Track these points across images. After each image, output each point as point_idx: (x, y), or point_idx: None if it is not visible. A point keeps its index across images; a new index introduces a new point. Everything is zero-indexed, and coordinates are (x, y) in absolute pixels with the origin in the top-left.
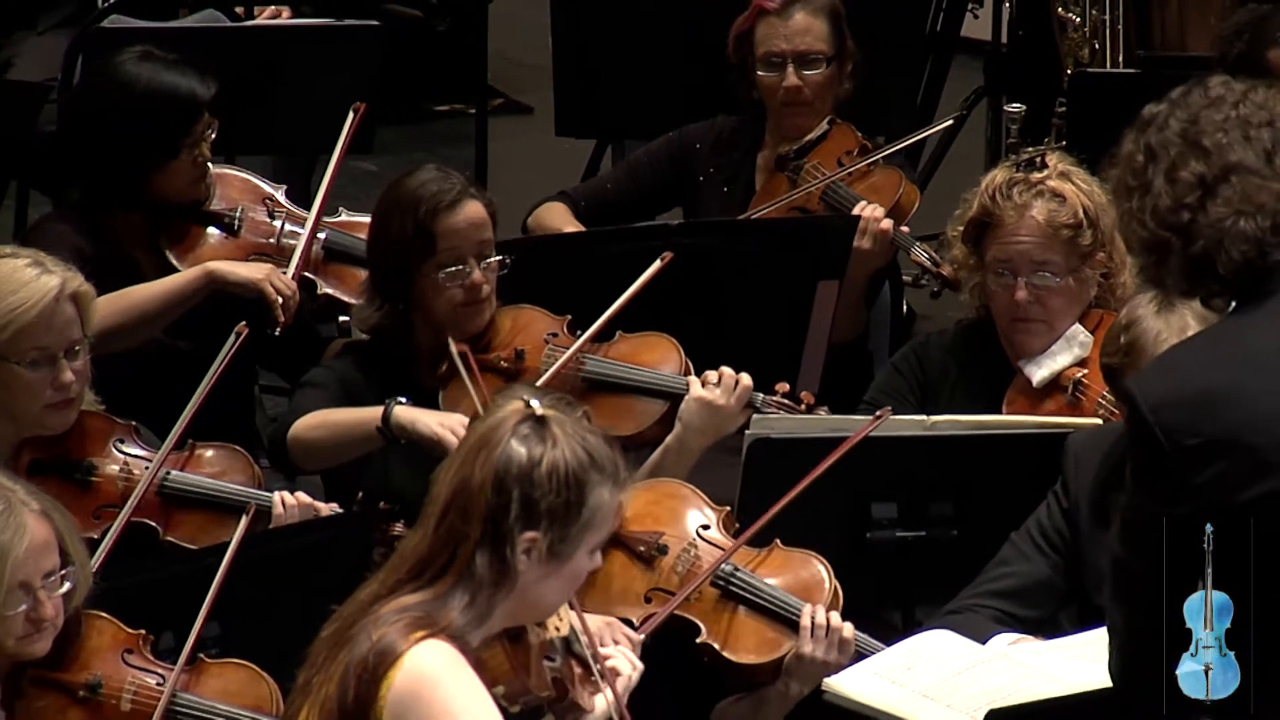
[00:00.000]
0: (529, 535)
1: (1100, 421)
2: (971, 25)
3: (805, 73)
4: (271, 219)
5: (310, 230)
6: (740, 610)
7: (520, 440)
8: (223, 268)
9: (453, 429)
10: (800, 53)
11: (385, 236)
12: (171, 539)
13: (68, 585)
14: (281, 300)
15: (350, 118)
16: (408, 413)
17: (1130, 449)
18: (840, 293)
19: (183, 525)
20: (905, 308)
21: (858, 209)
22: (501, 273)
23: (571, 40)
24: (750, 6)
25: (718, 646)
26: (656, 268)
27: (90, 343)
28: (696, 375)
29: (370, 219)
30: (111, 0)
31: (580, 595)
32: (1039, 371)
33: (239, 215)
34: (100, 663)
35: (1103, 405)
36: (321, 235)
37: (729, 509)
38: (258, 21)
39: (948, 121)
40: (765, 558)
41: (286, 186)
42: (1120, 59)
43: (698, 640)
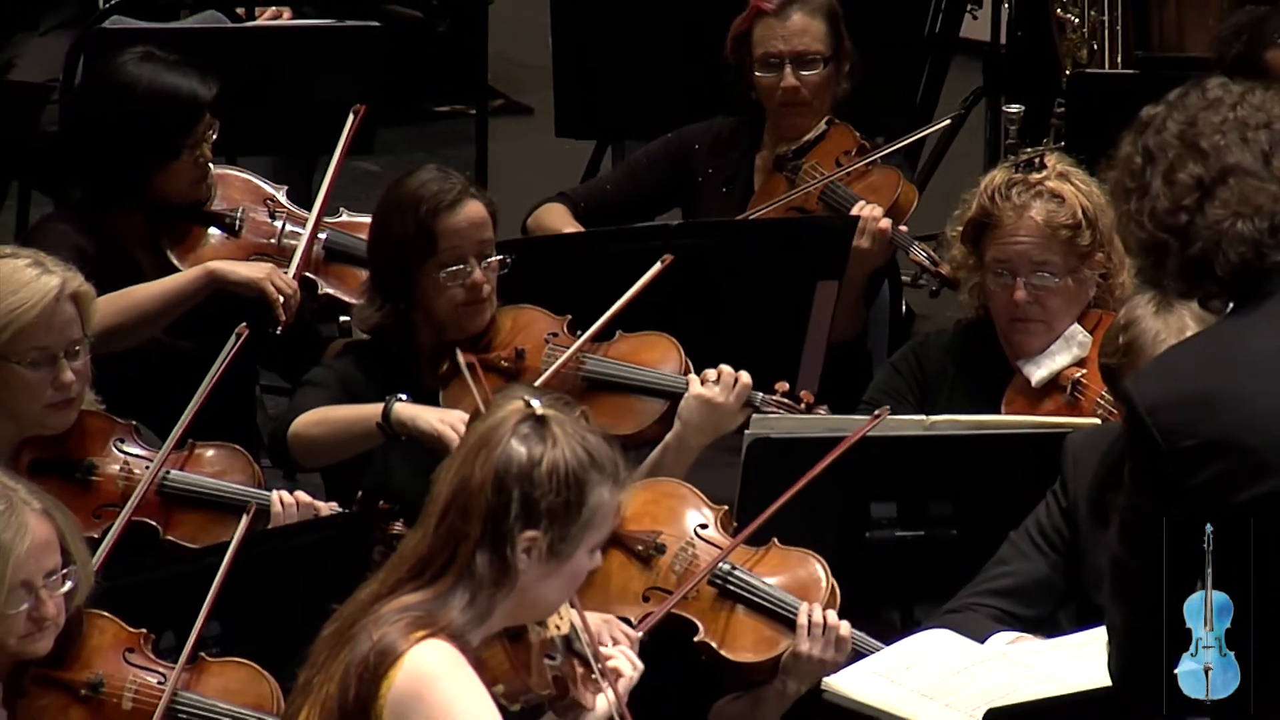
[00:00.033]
0: (529, 534)
1: (1099, 421)
2: (970, 26)
3: (803, 73)
4: (272, 219)
5: (311, 230)
6: (738, 609)
7: (520, 440)
8: (224, 267)
9: (453, 425)
10: (798, 53)
11: (386, 236)
12: (172, 538)
13: (69, 584)
14: (283, 299)
15: (350, 120)
16: (408, 409)
17: (1128, 450)
18: (839, 292)
19: (183, 524)
20: (904, 308)
21: (856, 209)
22: (502, 272)
23: (571, 41)
24: (747, 7)
25: (715, 645)
26: (657, 270)
27: (90, 342)
28: (696, 374)
29: (371, 219)
30: (113, 1)
31: (579, 594)
32: (1038, 371)
33: (240, 215)
34: (102, 662)
35: (1101, 405)
36: (322, 235)
37: (727, 508)
38: (259, 22)
39: (945, 121)
40: (763, 556)
41: (287, 187)
42: (1119, 60)
43: (695, 639)
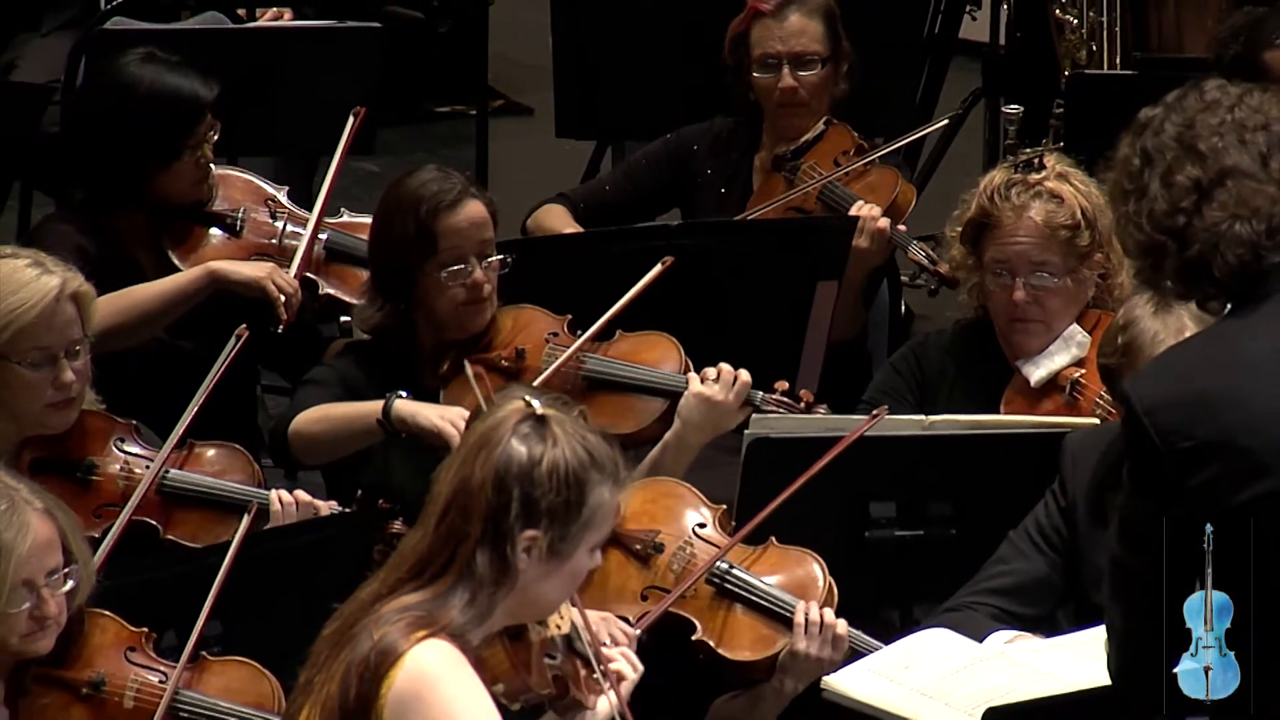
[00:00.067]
0: (529, 534)
1: (1097, 421)
2: (970, 27)
3: (801, 73)
4: (273, 220)
5: (312, 231)
6: (735, 607)
7: (520, 439)
8: (225, 267)
9: (453, 421)
10: (795, 54)
11: (387, 236)
12: (172, 537)
13: (71, 583)
14: (284, 298)
15: (350, 122)
16: (408, 406)
17: (1126, 450)
18: (838, 292)
19: (183, 524)
20: (904, 308)
21: (855, 208)
22: (503, 272)
23: (572, 42)
24: (745, 8)
25: (713, 644)
26: (657, 271)
27: (91, 342)
28: (696, 373)
29: (371, 219)
30: (115, 2)
31: (577, 593)
32: (1037, 371)
33: (241, 216)
34: (103, 660)
35: (1100, 405)
36: (323, 236)
37: (725, 507)
38: (260, 23)
39: (943, 121)
40: (760, 555)
41: (288, 187)
42: (1117, 61)
43: (693, 637)
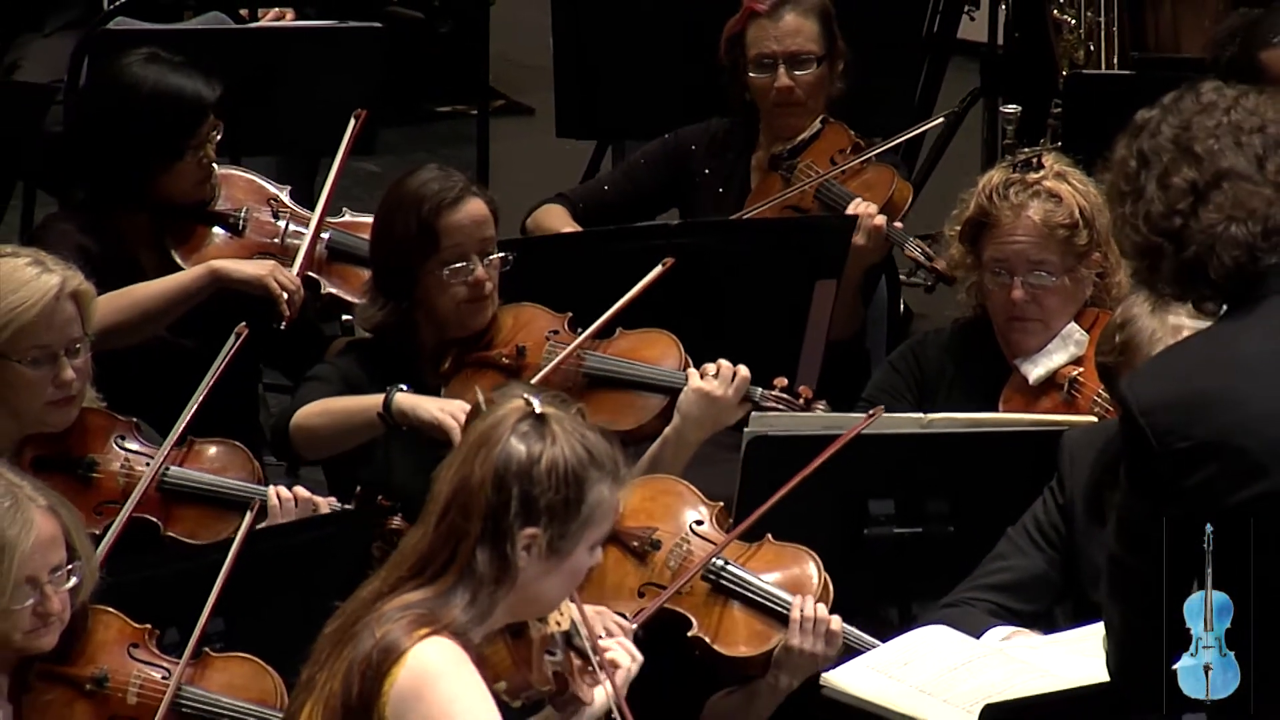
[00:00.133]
0: (529, 532)
1: (1095, 419)
2: (968, 27)
3: (797, 73)
4: (276, 219)
5: (314, 230)
6: (731, 604)
7: (520, 438)
8: (226, 265)
9: (454, 414)
10: (791, 53)
11: (388, 235)
12: (172, 534)
13: (74, 580)
14: (286, 296)
15: (351, 124)
16: (409, 399)
17: (1123, 450)
18: (837, 290)
19: (183, 521)
20: (902, 307)
21: (852, 206)
22: (504, 270)
23: (572, 42)
24: (740, 9)
25: (708, 640)
26: (658, 272)
27: (91, 340)
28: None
29: (373, 218)
30: (117, 2)
31: (576, 590)
32: (1035, 370)
33: (243, 215)
34: (106, 657)
35: (1098, 403)
36: (325, 235)
37: (722, 504)
38: (262, 23)
39: (939, 119)
40: (756, 552)
41: (291, 187)
42: (1115, 61)
43: (689, 634)
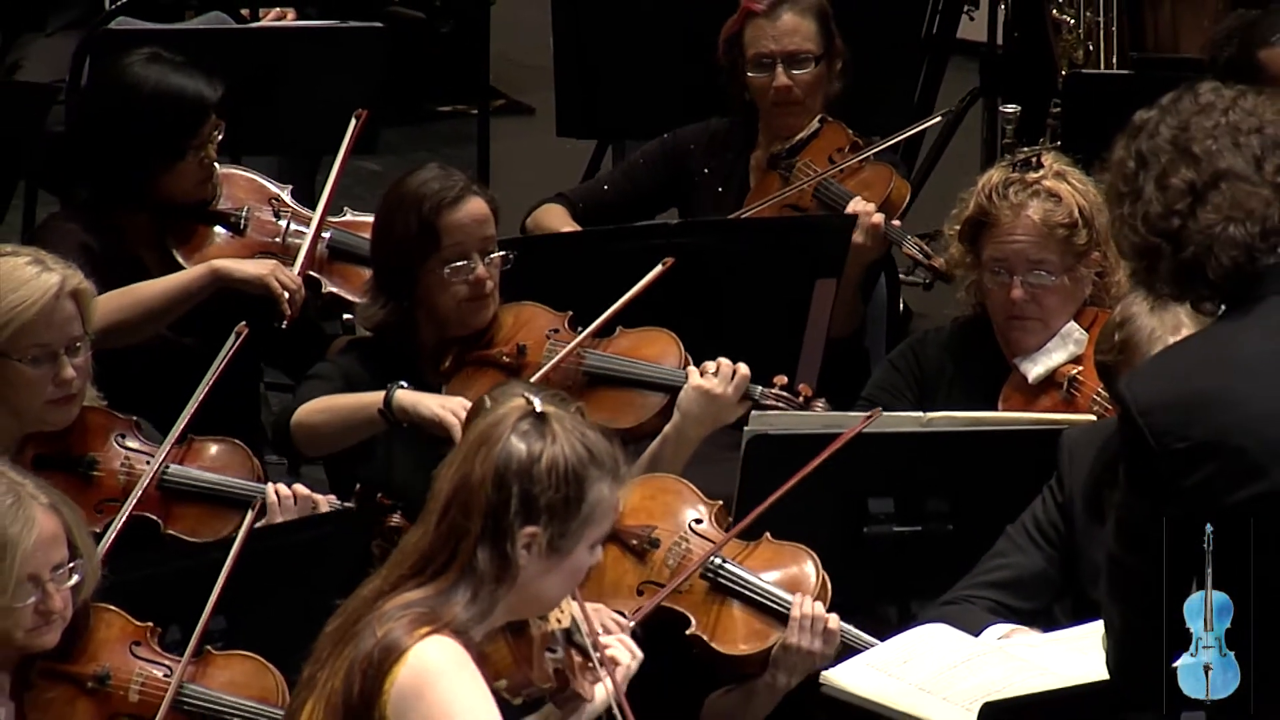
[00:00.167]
0: (529, 530)
1: (1094, 418)
2: (967, 27)
3: (794, 72)
4: (277, 218)
5: (315, 229)
6: (729, 602)
7: (520, 437)
8: (228, 265)
9: (454, 411)
10: (789, 53)
11: (389, 234)
12: (172, 532)
13: (76, 578)
14: (287, 295)
15: (352, 124)
16: (409, 396)
17: (1122, 450)
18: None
19: (183, 519)
20: (902, 306)
21: (850, 205)
22: (504, 268)
23: (572, 41)
24: (738, 9)
25: (706, 638)
26: (658, 272)
27: (91, 339)
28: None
29: (374, 217)
30: (119, 2)
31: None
32: (1034, 368)
33: (245, 215)
34: (108, 655)
35: (1097, 402)
36: (326, 235)
37: (721, 503)
38: (263, 23)
39: (937, 118)
40: (754, 550)
41: (292, 186)
42: (1114, 61)
43: (687, 632)
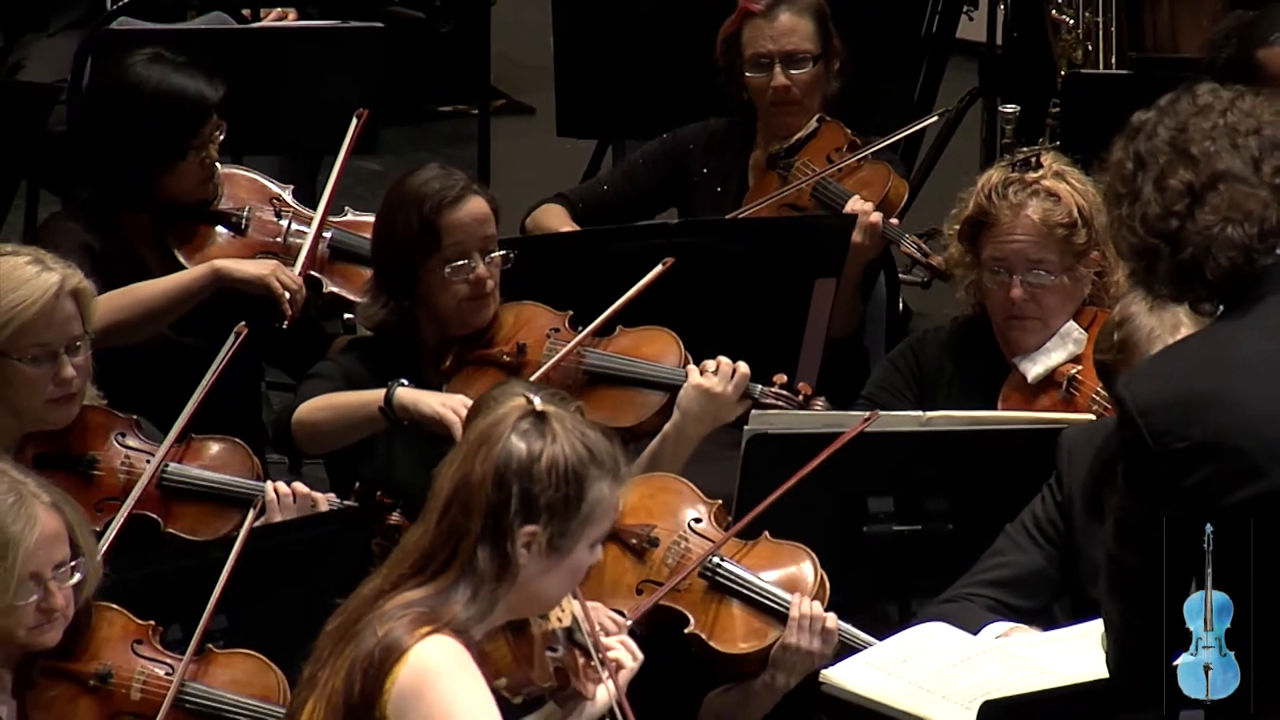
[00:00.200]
0: (529, 529)
1: (1093, 417)
2: (966, 27)
3: (793, 72)
4: (278, 218)
5: (316, 229)
6: (727, 601)
7: (520, 436)
8: (229, 265)
9: (455, 408)
10: (787, 53)
11: (390, 234)
12: (172, 531)
13: (78, 576)
14: (288, 295)
15: (353, 124)
16: (410, 394)
17: (1121, 450)
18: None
19: (183, 517)
20: (901, 305)
21: (849, 204)
22: (505, 268)
23: (573, 42)
24: (736, 9)
25: (705, 636)
26: (658, 272)
27: (91, 338)
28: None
29: (375, 217)
30: (121, 3)
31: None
32: (1034, 368)
33: (246, 214)
34: (110, 653)
35: (1097, 401)
36: (327, 234)
37: (721, 502)
38: (264, 23)
39: (933, 117)
40: (752, 549)
41: (293, 186)
42: (1113, 61)
43: (686, 630)
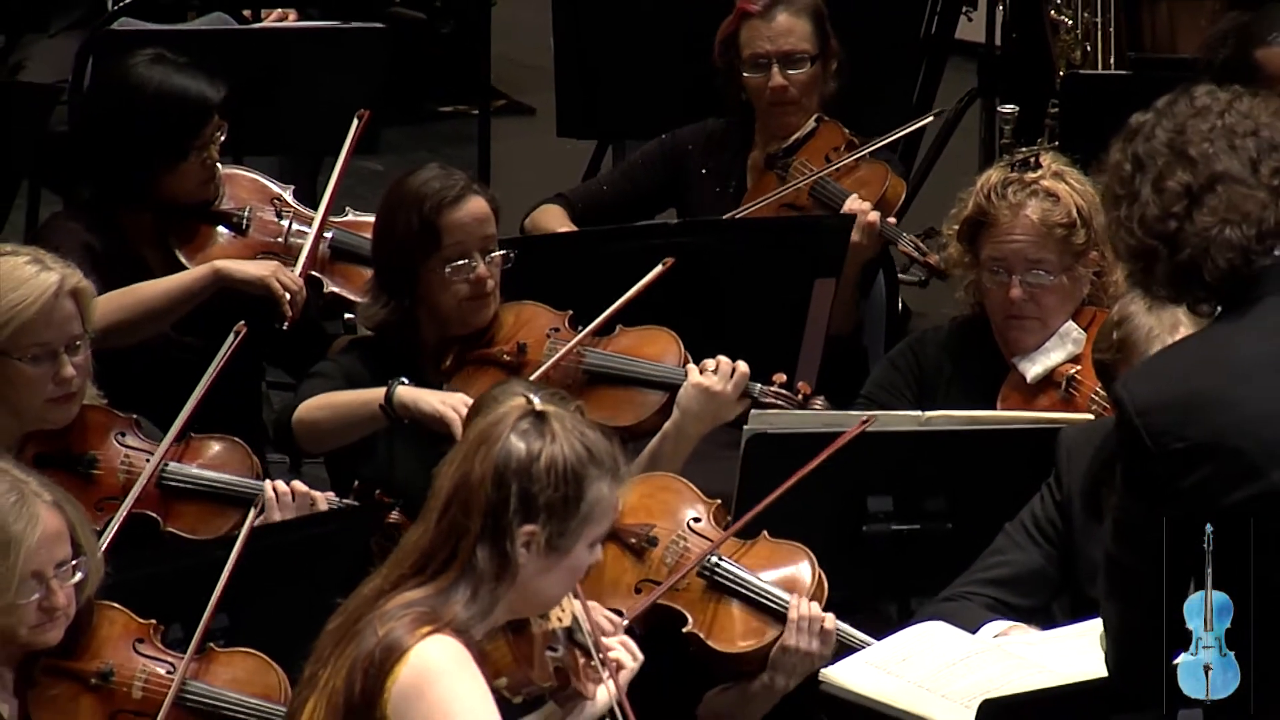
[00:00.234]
0: (528, 529)
1: (1092, 417)
2: (965, 27)
3: (790, 72)
4: (279, 218)
5: (317, 229)
6: (725, 600)
7: (520, 435)
8: (229, 265)
9: (455, 407)
10: (785, 53)
11: (390, 233)
12: (172, 530)
13: (79, 575)
14: (289, 296)
15: (354, 124)
16: (410, 392)
17: (1119, 451)
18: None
19: (182, 516)
20: (900, 305)
21: (846, 203)
22: (505, 267)
23: (573, 42)
24: (733, 10)
25: (703, 636)
26: (658, 272)
27: (91, 338)
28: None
29: (375, 217)
30: (122, 3)
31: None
32: (1033, 368)
33: (247, 215)
34: (112, 652)
35: (1096, 401)
36: (328, 234)
37: (720, 502)
38: (265, 24)
39: (929, 117)
40: (751, 549)
41: (294, 186)
42: (1111, 61)
43: (684, 630)
